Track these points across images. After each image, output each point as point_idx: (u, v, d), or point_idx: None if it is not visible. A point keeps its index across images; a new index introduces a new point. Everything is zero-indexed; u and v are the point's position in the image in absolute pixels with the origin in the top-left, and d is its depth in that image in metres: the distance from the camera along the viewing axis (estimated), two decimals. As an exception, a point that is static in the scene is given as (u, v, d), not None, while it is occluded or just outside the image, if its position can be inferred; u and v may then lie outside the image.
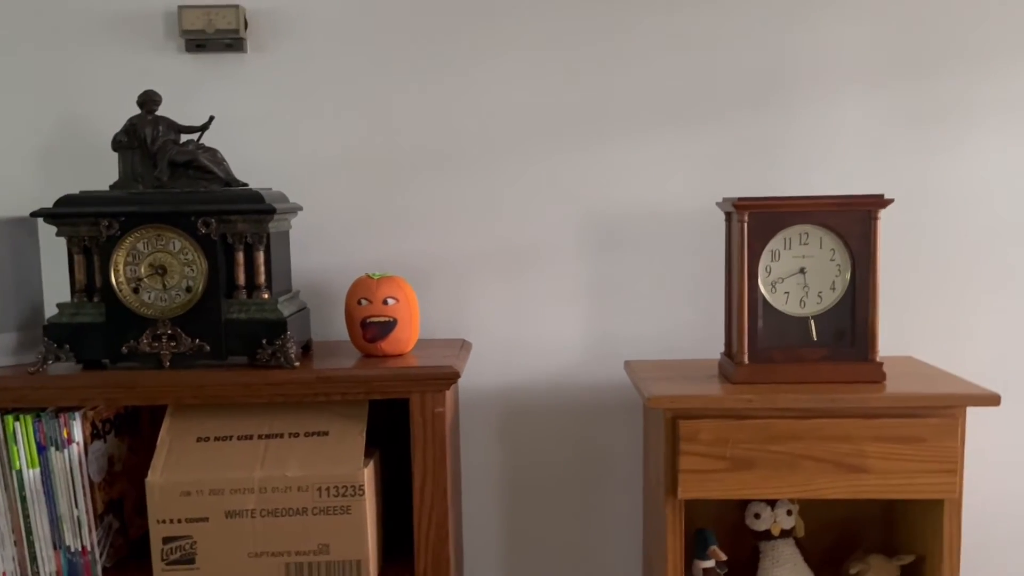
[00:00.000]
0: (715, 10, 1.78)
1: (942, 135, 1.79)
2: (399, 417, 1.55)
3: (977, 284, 1.81)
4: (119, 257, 1.51)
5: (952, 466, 1.47)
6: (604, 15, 1.78)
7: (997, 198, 1.80)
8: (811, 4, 1.77)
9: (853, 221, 1.53)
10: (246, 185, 1.59)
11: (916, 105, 1.79)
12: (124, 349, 1.52)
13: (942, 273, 1.81)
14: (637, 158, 1.81)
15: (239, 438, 1.51)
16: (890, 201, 1.52)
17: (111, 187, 1.57)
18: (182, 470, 1.47)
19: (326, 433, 1.51)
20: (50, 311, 1.57)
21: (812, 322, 1.56)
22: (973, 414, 1.50)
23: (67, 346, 1.52)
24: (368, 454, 1.50)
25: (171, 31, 1.78)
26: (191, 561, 1.46)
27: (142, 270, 1.52)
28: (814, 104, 1.79)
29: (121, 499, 1.63)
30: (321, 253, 1.81)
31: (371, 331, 1.58)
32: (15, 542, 1.51)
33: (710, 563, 1.62)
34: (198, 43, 1.77)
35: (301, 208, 1.69)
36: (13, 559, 1.52)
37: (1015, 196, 1.80)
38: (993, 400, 1.47)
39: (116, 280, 1.51)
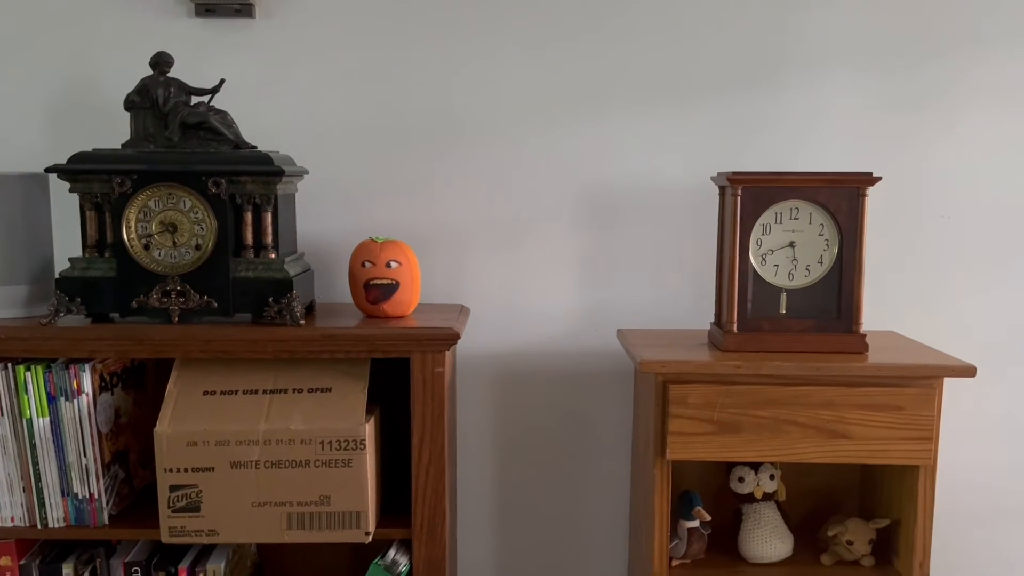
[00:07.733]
0: (714, -10, 1.82)
1: (931, 117, 1.84)
2: (398, 383, 1.60)
3: (957, 263, 1.87)
4: (131, 214, 1.55)
5: (928, 434, 1.54)
6: (606, -8, 1.83)
7: (981, 180, 1.86)
8: (807, -13, 1.82)
9: (842, 197, 1.59)
10: (255, 148, 1.63)
11: (906, 87, 1.84)
12: (134, 304, 1.56)
13: (924, 251, 1.87)
14: (633, 133, 1.86)
15: (244, 392, 1.56)
16: (878, 179, 1.58)
17: (123, 146, 1.61)
18: (189, 421, 1.52)
19: (329, 389, 1.56)
20: (60, 266, 1.61)
21: (784, 295, 1.61)
22: (950, 385, 1.57)
23: (78, 299, 1.56)
24: (369, 411, 1.55)
25: (181, -5, 1.81)
26: (196, 509, 1.51)
27: (153, 227, 1.56)
28: (807, 84, 1.84)
29: (126, 450, 1.67)
30: (325, 217, 1.85)
31: (374, 293, 1.63)
32: (24, 488, 1.56)
33: (695, 523, 1.68)
34: (208, 7, 1.80)
35: (307, 172, 1.73)
36: (22, 505, 1.57)
37: (998, 179, 1.86)
38: (969, 371, 1.53)
39: (127, 236, 1.55)
